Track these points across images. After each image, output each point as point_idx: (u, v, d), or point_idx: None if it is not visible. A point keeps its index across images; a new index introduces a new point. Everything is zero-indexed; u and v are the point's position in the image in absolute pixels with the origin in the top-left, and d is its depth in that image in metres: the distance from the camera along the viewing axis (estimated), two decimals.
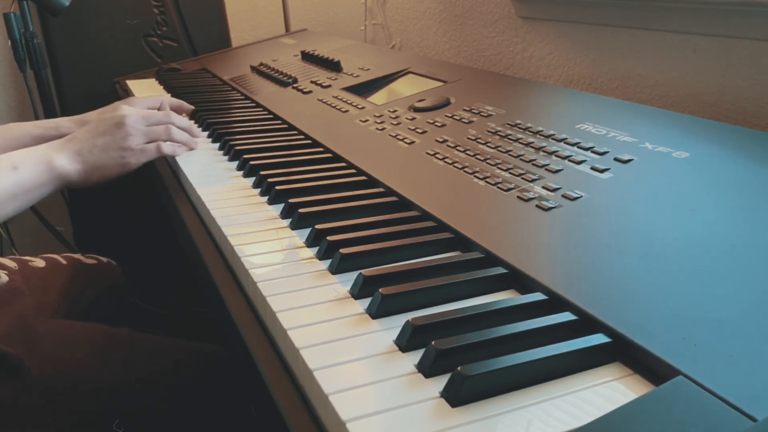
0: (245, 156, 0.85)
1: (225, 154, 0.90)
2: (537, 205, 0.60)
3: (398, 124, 0.89)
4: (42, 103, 1.49)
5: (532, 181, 0.65)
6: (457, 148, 0.76)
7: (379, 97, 1.06)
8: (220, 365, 0.90)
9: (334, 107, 1.02)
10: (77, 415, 0.76)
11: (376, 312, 0.48)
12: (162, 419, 0.83)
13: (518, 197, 0.62)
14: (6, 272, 0.89)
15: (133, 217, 1.63)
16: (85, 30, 1.58)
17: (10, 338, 0.73)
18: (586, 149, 0.69)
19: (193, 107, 1.11)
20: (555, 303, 0.47)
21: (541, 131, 0.76)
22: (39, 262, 1.00)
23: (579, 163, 0.67)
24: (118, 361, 0.81)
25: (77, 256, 1.10)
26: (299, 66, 1.33)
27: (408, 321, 0.45)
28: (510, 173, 0.67)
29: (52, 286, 0.98)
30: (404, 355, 0.43)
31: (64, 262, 1.04)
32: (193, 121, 0.94)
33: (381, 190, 0.72)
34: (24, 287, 0.88)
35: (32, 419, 0.73)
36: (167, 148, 0.88)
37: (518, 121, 0.80)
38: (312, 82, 1.19)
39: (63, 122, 1.00)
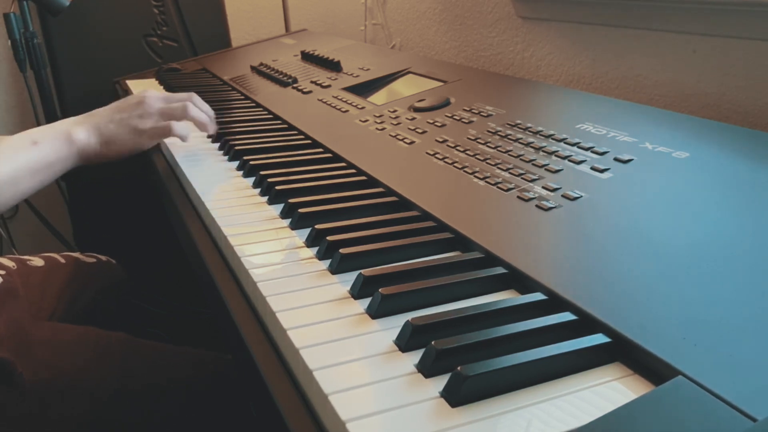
0: (245, 156, 0.85)
1: (225, 154, 0.90)
2: (537, 205, 0.60)
3: (398, 124, 0.89)
4: (42, 103, 1.49)
5: (532, 181, 0.65)
6: (457, 148, 0.76)
7: (379, 97, 1.06)
8: (219, 374, 0.89)
9: (334, 107, 1.02)
10: (72, 423, 0.74)
11: (376, 312, 0.48)
12: (159, 427, 0.82)
13: (518, 197, 0.62)
14: (3, 272, 0.89)
15: (133, 216, 1.63)
16: (85, 30, 1.58)
17: (2, 342, 0.72)
18: (586, 149, 0.69)
19: None
20: (555, 303, 0.47)
21: (541, 131, 0.76)
22: (38, 261, 0.99)
23: (579, 163, 0.67)
24: (114, 367, 0.80)
25: (76, 254, 1.09)
26: (299, 66, 1.33)
27: (408, 321, 0.44)
28: (510, 173, 0.67)
29: (50, 285, 0.98)
30: (404, 355, 0.43)
31: (62, 260, 1.04)
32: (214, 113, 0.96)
33: (381, 190, 0.72)
34: (20, 289, 0.87)
35: (25, 427, 0.71)
36: (178, 130, 0.88)
37: (518, 121, 0.80)
38: (312, 82, 1.19)
39: None
